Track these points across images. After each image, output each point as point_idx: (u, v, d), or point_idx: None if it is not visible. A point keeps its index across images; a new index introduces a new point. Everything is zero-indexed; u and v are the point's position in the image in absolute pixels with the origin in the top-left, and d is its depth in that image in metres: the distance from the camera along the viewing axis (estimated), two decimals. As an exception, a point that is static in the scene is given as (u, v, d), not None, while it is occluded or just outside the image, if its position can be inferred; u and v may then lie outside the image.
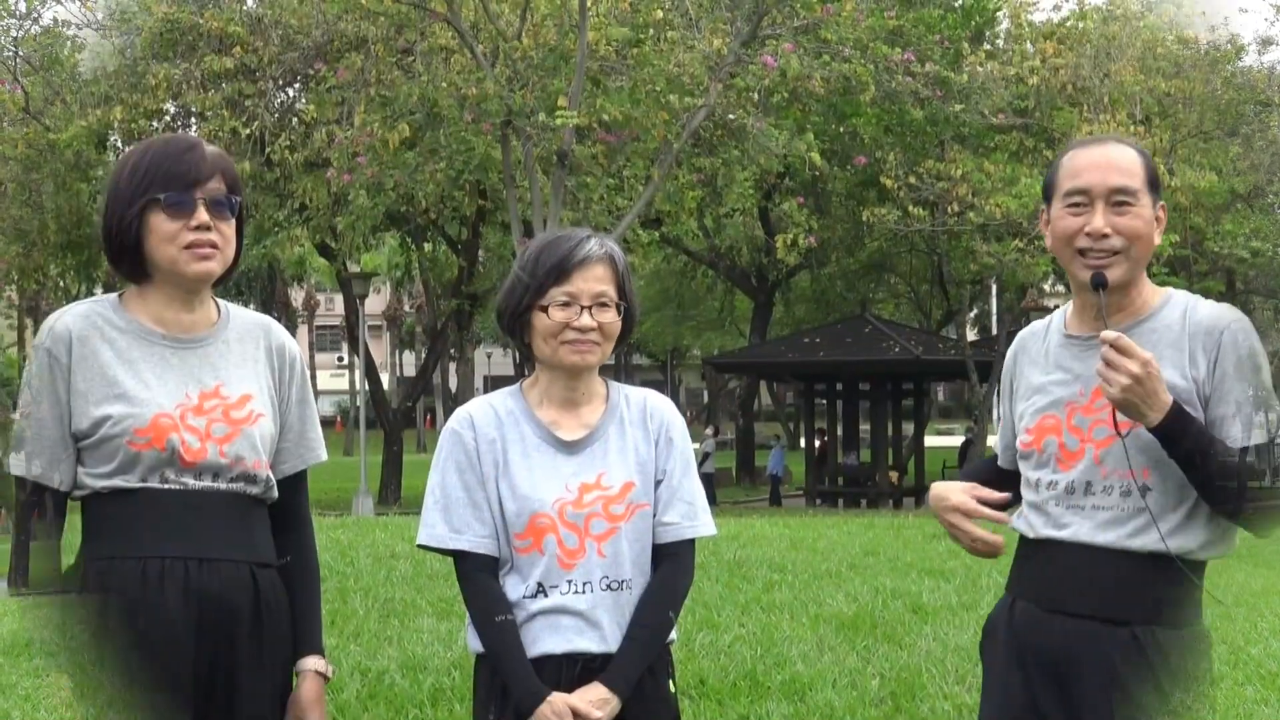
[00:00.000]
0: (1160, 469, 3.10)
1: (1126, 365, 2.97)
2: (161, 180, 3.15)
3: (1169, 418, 2.99)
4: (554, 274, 3.27)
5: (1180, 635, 3.14)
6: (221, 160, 3.23)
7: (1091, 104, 24.94)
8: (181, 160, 3.17)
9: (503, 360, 75.40)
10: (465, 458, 3.34)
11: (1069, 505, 3.20)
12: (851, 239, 34.81)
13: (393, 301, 70.25)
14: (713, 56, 21.87)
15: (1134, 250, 3.15)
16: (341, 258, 29.34)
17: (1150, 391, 2.97)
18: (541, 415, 3.36)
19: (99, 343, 3.18)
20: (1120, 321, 3.18)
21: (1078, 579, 3.17)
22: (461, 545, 3.31)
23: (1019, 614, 3.29)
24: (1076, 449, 3.20)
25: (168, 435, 3.14)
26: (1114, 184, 3.16)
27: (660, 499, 3.37)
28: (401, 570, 9.90)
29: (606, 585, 3.29)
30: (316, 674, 3.37)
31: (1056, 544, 3.21)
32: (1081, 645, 3.15)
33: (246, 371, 3.30)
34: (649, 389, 3.53)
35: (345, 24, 23.30)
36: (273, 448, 3.34)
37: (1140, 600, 3.12)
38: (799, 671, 7.00)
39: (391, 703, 6.35)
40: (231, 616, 3.18)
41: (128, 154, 3.27)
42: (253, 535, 3.27)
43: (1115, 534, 3.14)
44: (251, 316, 3.43)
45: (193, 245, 3.16)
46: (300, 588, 3.40)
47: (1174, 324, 3.17)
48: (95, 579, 3.14)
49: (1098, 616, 3.14)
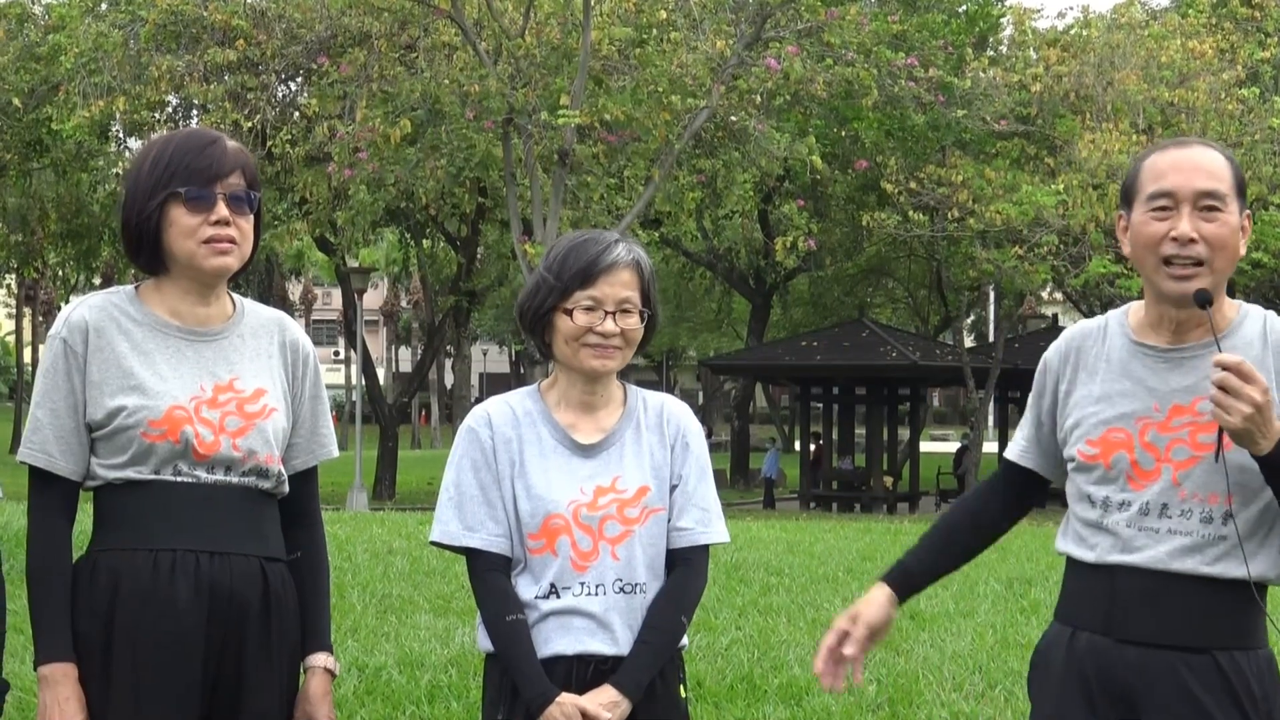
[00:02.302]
0: (1241, 494, 2.98)
1: (1250, 393, 2.81)
2: (183, 174, 3.14)
3: (1279, 446, 2.86)
4: (579, 278, 3.25)
5: (1258, 658, 3.03)
6: (242, 156, 3.22)
7: (1094, 112, 24.96)
8: (203, 155, 3.16)
9: (499, 357, 75.37)
10: (481, 456, 3.32)
11: (1141, 528, 3.04)
12: (850, 243, 34.83)
13: (390, 297, 70.27)
14: (715, 58, 21.88)
15: (1219, 260, 2.97)
16: (341, 252, 29.34)
17: (1267, 419, 2.83)
18: (559, 417, 3.35)
19: (115, 334, 3.17)
20: (1200, 337, 3.04)
21: (1151, 606, 3.02)
22: (474, 543, 3.30)
23: (1082, 645, 3.10)
24: (1152, 468, 3.03)
25: (182, 428, 3.14)
26: (1201, 187, 2.98)
27: (675, 504, 3.36)
28: (399, 566, 9.90)
29: (620, 588, 3.28)
30: (325, 670, 3.38)
31: (1127, 570, 3.04)
32: (1159, 675, 3.01)
33: (260, 366, 3.29)
34: (667, 394, 3.51)
35: (349, 19, 23.31)
36: (285, 442, 3.33)
37: (1220, 626, 3.01)
38: (796, 675, 7.00)
39: (389, 699, 6.34)
40: (241, 610, 3.17)
41: (148, 146, 3.27)
42: (264, 530, 3.26)
43: (1195, 560, 3.00)
44: (266, 311, 3.42)
45: (212, 240, 3.15)
46: (310, 583, 3.39)
47: (1254, 341, 3.04)
48: (106, 569, 3.14)
49: (1177, 645, 3.00)
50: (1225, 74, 24.73)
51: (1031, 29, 27.93)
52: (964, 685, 6.88)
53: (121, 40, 23.11)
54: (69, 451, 3.16)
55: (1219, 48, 25.34)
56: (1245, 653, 3.01)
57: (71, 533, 3.20)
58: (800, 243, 23.26)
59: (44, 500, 3.18)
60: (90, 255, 35.26)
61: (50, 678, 3.10)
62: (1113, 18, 26.87)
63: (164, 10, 22.91)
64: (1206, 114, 24.39)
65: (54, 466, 3.16)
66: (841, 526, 16.32)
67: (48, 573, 3.14)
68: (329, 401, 3.54)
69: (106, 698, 3.11)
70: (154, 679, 3.10)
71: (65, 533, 3.19)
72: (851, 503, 32.19)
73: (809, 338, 34.88)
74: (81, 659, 3.12)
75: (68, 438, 3.16)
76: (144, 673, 3.10)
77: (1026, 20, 27.97)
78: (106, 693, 3.11)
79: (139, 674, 3.10)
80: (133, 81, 23.23)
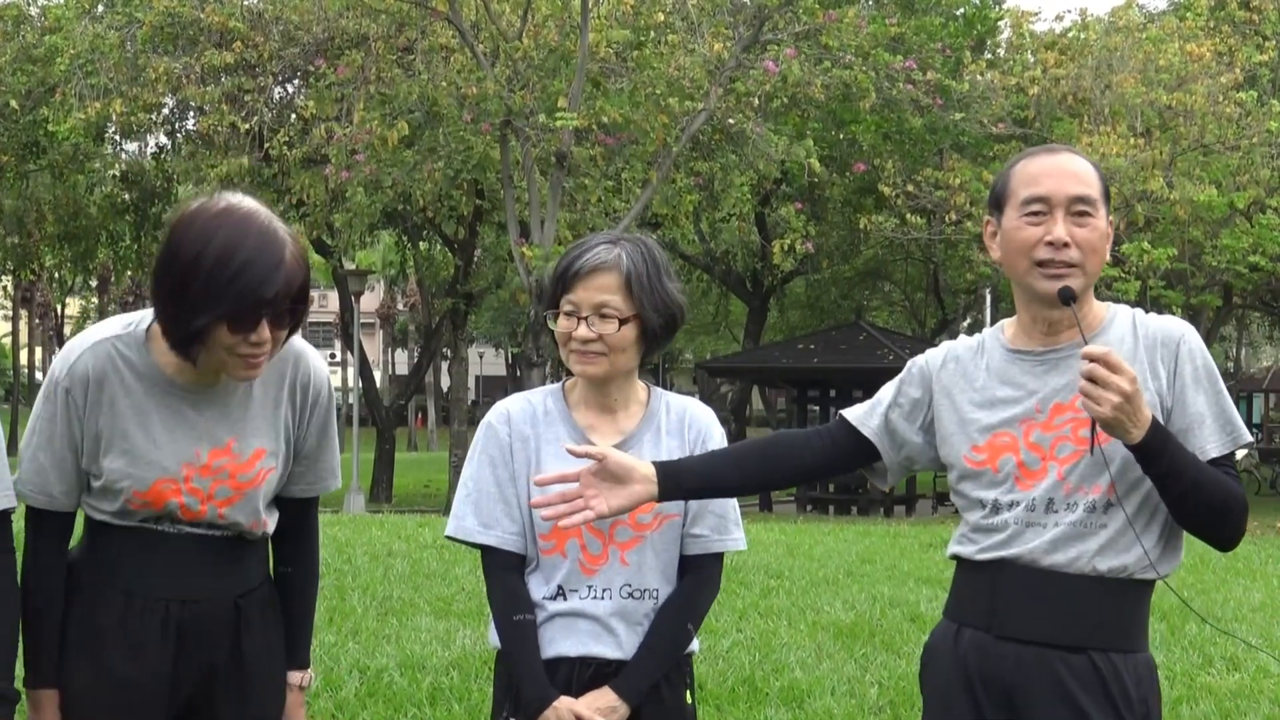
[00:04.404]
0: (1123, 484, 3.02)
1: (1118, 382, 2.85)
2: (237, 302, 2.93)
3: (1150, 434, 2.90)
4: (560, 283, 3.25)
5: (1136, 661, 3.06)
6: (298, 275, 2.99)
7: (1091, 115, 24.96)
8: (266, 286, 2.93)
9: (495, 360, 75.38)
10: (499, 452, 3.31)
11: (1029, 524, 3.07)
12: (848, 246, 34.82)
13: (386, 299, 70.23)
14: (713, 60, 21.88)
15: (1090, 263, 3.05)
16: (338, 254, 29.32)
17: (1137, 408, 2.88)
18: (578, 418, 3.33)
19: (116, 389, 3.10)
20: (1072, 337, 3.09)
21: (1031, 603, 3.06)
22: (489, 540, 3.29)
23: (966, 641, 3.15)
24: (1038, 467, 3.08)
25: (166, 500, 3.13)
26: (1073, 192, 3.05)
27: (691, 510, 3.33)
28: (399, 569, 9.90)
29: (628, 593, 3.27)
30: (297, 689, 3.41)
31: (1007, 565, 3.09)
32: (1037, 673, 3.05)
33: (263, 424, 3.22)
34: (692, 399, 3.47)
35: (346, 21, 23.30)
36: (278, 488, 3.30)
37: (1095, 626, 3.04)
38: (797, 678, 7.01)
39: (390, 701, 6.33)
40: (211, 648, 3.20)
41: (207, 240, 2.93)
42: (243, 566, 3.27)
43: (1075, 549, 3.04)
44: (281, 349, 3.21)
45: (246, 355, 3.02)
46: (295, 602, 3.42)
47: (1126, 337, 3.10)
48: (81, 606, 3.17)
49: (1053, 643, 3.04)
50: (1223, 77, 24.74)
51: (1029, 32, 27.95)
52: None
53: (118, 42, 23.09)
54: (70, 491, 3.17)
55: (1217, 51, 25.35)
56: (1123, 655, 3.06)
57: (66, 560, 3.22)
58: (797, 245, 23.24)
59: (41, 532, 3.19)
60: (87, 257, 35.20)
61: (36, 701, 3.16)
62: (1110, 21, 26.88)
63: (161, 12, 22.89)
64: (1204, 117, 24.41)
65: (55, 505, 3.17)
66: (840, 529, 16.33)
67: (43, 607, 3.16)
68: None
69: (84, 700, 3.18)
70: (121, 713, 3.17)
71: (61, 565, 3.20)
72: (848, 505, 32.15)
73: (806, 340, 34.83)
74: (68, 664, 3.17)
75: (69, 478, 3.16)
76: (109, 705, 3.16)
77: (1024, 23, 28.00)
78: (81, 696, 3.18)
79: (107, 701, 3.16)
80: (129, 83, 23.20)
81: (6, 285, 47.46)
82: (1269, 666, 7.60)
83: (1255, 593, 10.60)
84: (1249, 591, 10.64)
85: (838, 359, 31.94)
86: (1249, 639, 8.40)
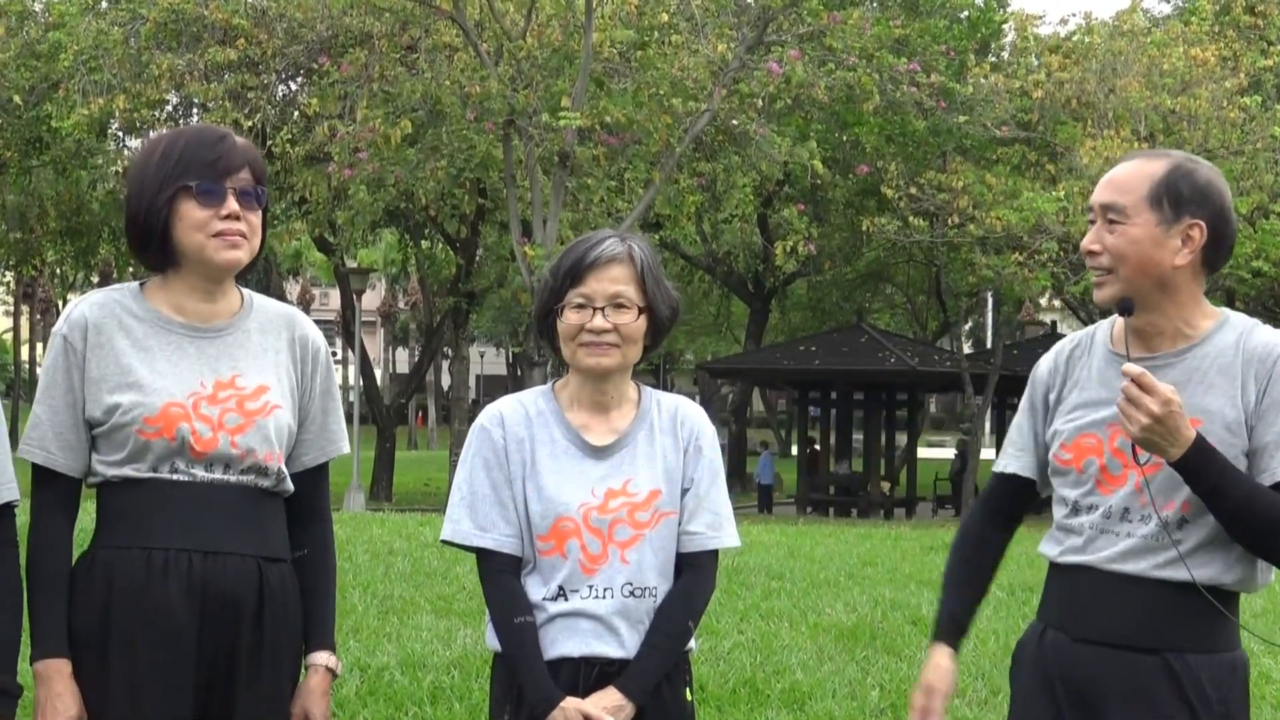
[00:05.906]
0: (1198, 502, 3.00)
1: (1147, 404, 2.87)
2: (194, 169, 3.15)
3: (1190, 453, 2.90)
4: (570, 276, 3.23)
5: (1217, 661, 3.07)
6: (250, 151, 3.23)
7: (1095, 119, 24.92)
8: (213, 149, 3.17)
9: (496, 359, 75.36)
10: (493, 455, 3.30)
11: (1103, 530, 3.11)
12: (850, 248, 34.81)
13: (388, 298, 70.23)
14: (717, 61, 21.87)
15: (1123, 269, 3.03)
16: (339, 252, 29.32)
17: (1171, 429, 2.88)
18: (571, 418, 3.32)
19: (115, 330, 3.17)
20: (1168, 346, 3.09)
21: (1105, 606, 3.09)
22: (486, 544, 3.28)
23: (1048, 642, 3.20)
24: (1119, 474, 3.09)
25: (177, 424, 3.13)
26: (1101, 200, 3.09)
27: (686, 508, 3.33)
28: (400, 567, 9.90)
29: (629, 592, 3.26)
30: (325, 669, 3.37)
31: (1085, 570, 3.13)
32: (1112, 674, 3.08)
33: (265, 363, 3.28)
34: (683, 397, 3.47)
35: (350, 19, 23.28)
36: (290, 441, 3.31)
37: (1171, 628, 3.05)
38: (798, 680, 7.00)
39: (391, 700, 6.33)
40: (235, 610, 3.16)
41: (155, 141, 3.27)
42: (263, 528, 3.24)
43: (1146, 563, 3.05)
44: (276, 307, 3.41)
45: (221, 234, 3.15)
46: (315, 582, 3.39)
47: (1227, 349, 3.07)
48: (102, 566, 3.14)
49: (1128, 645, 3.07)
50: (1227, 82, 24.70)
51: (1033, 35, 27.89)
52: (967, 691, 6.86)
53: (122, 38, 23.06)
54: (68, 448, 3.16)
55: (1221, 55, 25.31)
56: (1201, 655, 3.06)
57: (72, 530, 3.21)
58: (799, 247, 23.21)
59: (43, 497, 3.19)
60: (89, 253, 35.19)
61: (44, 674, 3.10)
62: (1115, 25, 26.83)
63: (164, 9, 22.86)
64: (1208, 122, 24.36)
65: (52, 463, 3.16)
66: (841, 531, 16.32)
67: (45, 570, 3.14)
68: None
69: (105, 695, 3.11)
70: (147, 678, 3.10)
71: (64, 530, 3.19)
72: (848, 507, 32.15)
73: (807, 342, 34.86)
74: (81, 655, 3.12)
75: (66, 434, 3.16)
76: (138, 671, 3.10)
77: (1028, 26, 27.93)
78: (105, 690, 3.11)
79: (133, 673, 3.10)
80: (133, 80, 23.17)
81: (8, 281, 47.50)
82: (1271, 673, 7.58)
83: (1257, 599, 10.58)
84: (1250, 599, 10.61)
85: (839, 361, 31.95)
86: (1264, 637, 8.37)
